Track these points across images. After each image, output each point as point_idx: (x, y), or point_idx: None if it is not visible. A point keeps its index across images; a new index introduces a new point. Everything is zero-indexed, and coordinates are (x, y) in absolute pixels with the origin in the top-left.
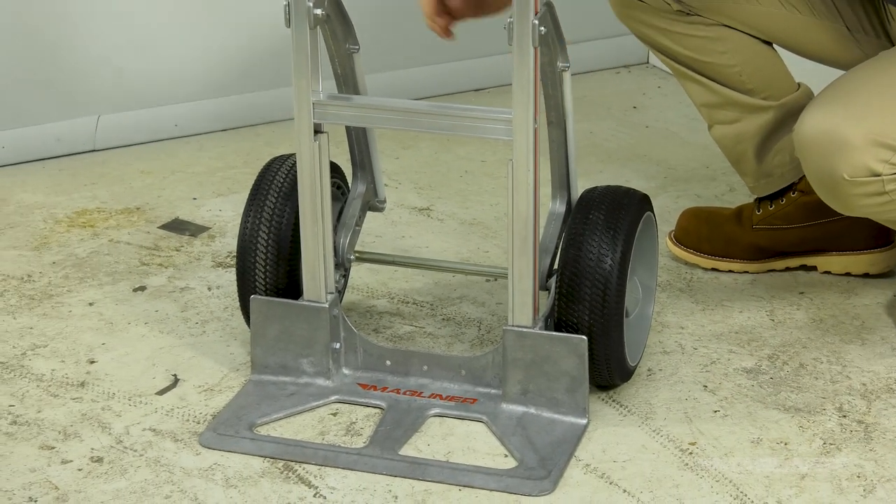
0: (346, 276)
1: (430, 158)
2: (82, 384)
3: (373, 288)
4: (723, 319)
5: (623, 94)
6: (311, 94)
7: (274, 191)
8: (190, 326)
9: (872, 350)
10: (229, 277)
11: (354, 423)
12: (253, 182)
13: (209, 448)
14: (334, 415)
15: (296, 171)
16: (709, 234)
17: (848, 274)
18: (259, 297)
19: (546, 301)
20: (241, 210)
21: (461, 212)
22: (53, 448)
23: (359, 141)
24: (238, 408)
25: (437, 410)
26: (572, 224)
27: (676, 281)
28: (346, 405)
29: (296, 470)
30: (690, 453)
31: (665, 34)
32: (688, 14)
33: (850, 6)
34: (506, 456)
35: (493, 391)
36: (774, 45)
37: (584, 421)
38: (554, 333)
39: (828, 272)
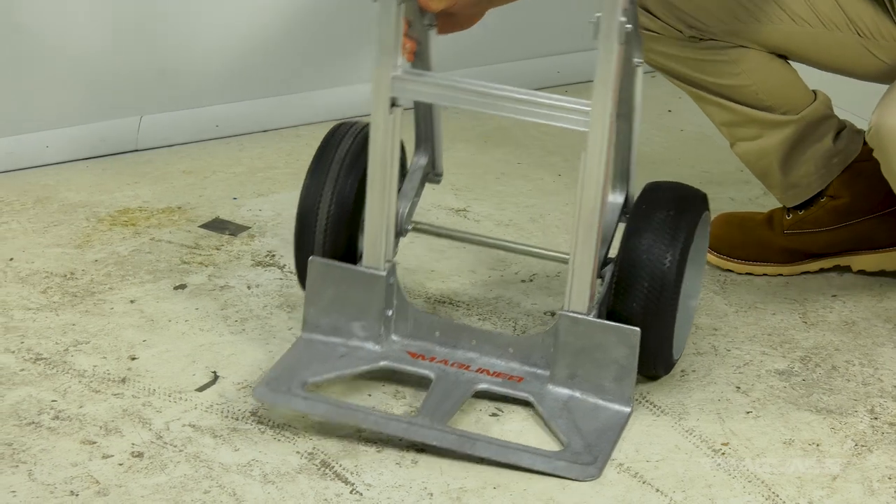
0: (396, 246)
1: (467, 160)
2: (123, 380)
3: (410, 288)
4: (756, 321)
5: (658, 97)
6: (392, 68)
7: (338, 158)
8: (230, 324)
9: None
10: (269, 276)
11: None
12: (317, 148)
13: (263, 402)
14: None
15: (360, 140)
16: (742, 240)
17: (882, 271)
18: (318, 258)
19: (599, 289)
20: (281, 210)
21: (497, 213)
22: (95, 443)
23: (426, 116)
24: (289, 365)
25: (483, 385)
26: (633, 216)
27: (710, 283)
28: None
29: (332, 467)
30: (723, 454)
31: (678, 61)
32: (701, 39)
33: (862, 8)
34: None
35: (539, 371)
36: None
37: (629, 409)
38: (608, 322)
39: (862, 271)
